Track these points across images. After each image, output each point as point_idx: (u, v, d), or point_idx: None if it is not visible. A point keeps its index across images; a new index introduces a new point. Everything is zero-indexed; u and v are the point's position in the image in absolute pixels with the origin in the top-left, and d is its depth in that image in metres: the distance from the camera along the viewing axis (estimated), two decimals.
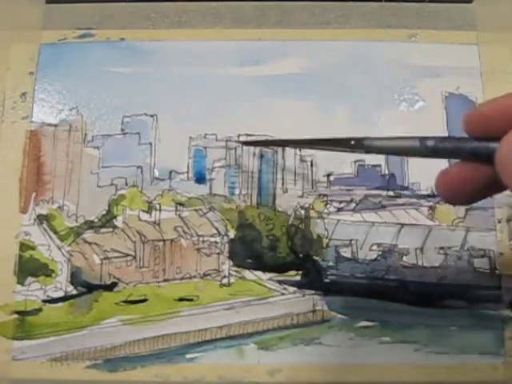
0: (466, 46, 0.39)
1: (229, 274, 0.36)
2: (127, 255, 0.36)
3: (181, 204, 0.37)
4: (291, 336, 0.35)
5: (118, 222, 0.36)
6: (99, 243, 0.36)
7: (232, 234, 0.36)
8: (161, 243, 0.36)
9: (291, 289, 0.35)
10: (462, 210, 0.36)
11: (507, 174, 0.19)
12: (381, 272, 0.36)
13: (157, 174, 0.37)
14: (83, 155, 0.38)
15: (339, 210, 0.37)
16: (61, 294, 0.35)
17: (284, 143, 0.36)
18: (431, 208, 0.37)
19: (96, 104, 0.38)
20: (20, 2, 0.41)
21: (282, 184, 0.37)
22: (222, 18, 0.40)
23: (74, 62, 0.39)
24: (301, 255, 0.36)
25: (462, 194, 0.22)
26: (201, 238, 0.36)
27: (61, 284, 0.35)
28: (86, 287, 0.35)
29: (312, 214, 0.37)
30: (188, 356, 0.34)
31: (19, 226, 0.36)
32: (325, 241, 0.36)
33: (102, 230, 0.36)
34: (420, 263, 0.36)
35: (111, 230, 0.36)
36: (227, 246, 0.36)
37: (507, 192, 0.36)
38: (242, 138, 0.38)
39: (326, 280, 0.36)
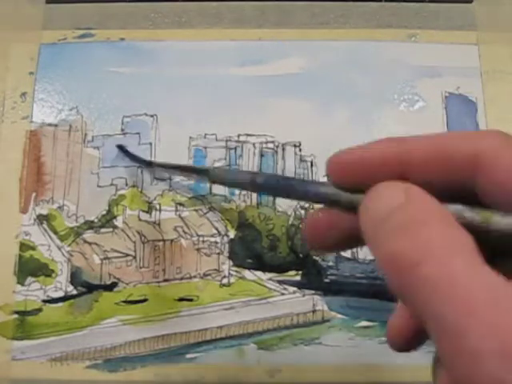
0: (466, 45, 0.39)
1: (229, 273, 0.36)
2: (127, 255, 0.36)
3: (181, 204, 0.37)
4: (291, 336, 0.35)
5: (118, 222, 0.36)
6: (99, 243, 0.36)
7: (232, 233, 0.36)
8: (161, 243, 0.36)
9: (291, 289, 0.35)
10: None
11: (369, 242, 0.16)
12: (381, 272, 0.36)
13: (157, 174, 0.37)
14: (83, 155, 0.38)
15: None
16: (61, 294, 0.35)
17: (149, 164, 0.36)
18: None
19: (96, 104, 0.38)
20: (20, 2, 0.41)
21: None
22: (221, 18, 0.40)
23: (74, 62, 0.39)
24: (301, 255, 0.36)
25: (327, 240, 0.19)
26: (201, 238, 0.36)
27: (61, 284, 0.35)
28: (86, 287, 0.35)
29: None
30: (188, 356, 0.34)
31: (19, 226, 0.36)
32: None
33: (102, 230, 0.36)
34: None
35: (111, 230, 0.36)
36: (227, 245, 0.36)
37: None
38: (242, 138, 0.38)
39: (326, 280, 0.36)
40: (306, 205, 0.37)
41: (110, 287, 0.35)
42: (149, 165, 0.36)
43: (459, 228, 0.14)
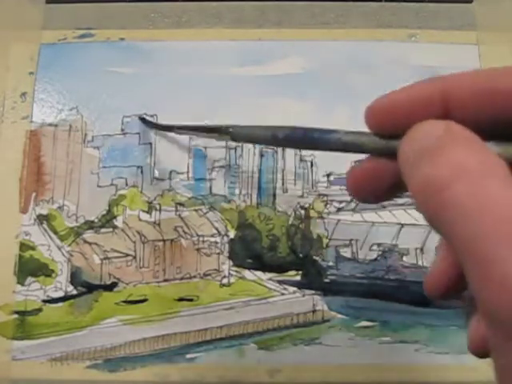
0: (466, 45, 0.39)
1: (229, 273, 0.36)
2: (127, 255, 0.36)
3: (181, 204, 0.37)
4: (291, 336, 0.35)
5: (118, 222, 0.36)
6: (99, 243, 0.36)
7: (232, 233, 0.36)
8: (161, 243, 0.36)
9: (291, 289, 0.35)
10: None
11: (406, 175, 0.16)
12: (381, 272, 0.36)
13: (157, 174, 0.37)
14: (83, 155, 0.38)
15: (339, 209, 0.37)
16: (61, 294, 0.35)
17: (168, 129, 0.36)
18: None
19: (96, 104, 0.38)
20: (20, 2, 0.41)
21: (282, 184, 0.37)
22: (221, 18, 0.40)
23: (74, 61, 0.39)
24: (301, 255, 0.36)
25: (371, 190, 0.20)
26: (201, 238, 0.36)
27: (61, 284, 0.35)
28: (86, 287, 0.35)
29: (312, 213, 0.37)
30: (188, 356, 0.34)
31: (19, 226, 0.36)
32: (325, 241, 0.36)
33: (102, 230, 0.36)
34: (420, 263, 0.36)
35: (111, 230, 0.36)
36: (227, 245, 0.36)
37: None
38: None
39: (326, 280, 0.36)
40: (306, 205, 0.37)
41: (109, 287, 0.35)
42: (170, 129, 0.36)
43: (495, 156, 0.14)
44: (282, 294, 0.35)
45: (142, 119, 0.38)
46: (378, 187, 0.19)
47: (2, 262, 0.36)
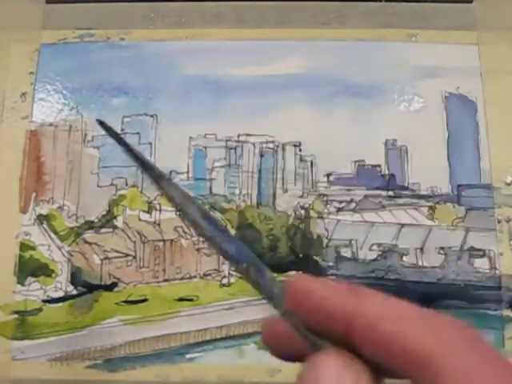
0: (466, 45, 0.39)
1: (229, 274, 0.36)
2: (127, 255, 0.36)
3: None
4: None
5: (118, 222, 0.36)
6: (99, 243, 0.36)
7: (232, 234, 0.36)
8: (161, 243, 0.36)
9: None
10: (462, 210, 0.36)
11: None
12: (381, 272, 0.36)
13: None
14: (83, 155, 0.38)
15: (339, 209, 0.37)
16: (61, 293, 0.35)
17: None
18: (431, 208, 0.36)
19: (96, 104, 0.38)
20: (20, 2, 0.41)
21: (282, 184, 0.37)
22: (221, 18, 0.40)
23: (74, 62, 0.39)
24: (301, 255, 0.36)
25: (288, 349, 0.18)
26: (201, 238, 0.36)
27: (61, 284, 0.35)
28: (86, 287, 0.35)
29: (312, 213, 0.37)
30: (188, 356, 0.34)
31: (19, 226, 0.36)
32: (325, 241, 0.36)
33: (102, 230, 0.36)
34: (420, 263, 0.36)
35: (111, 230, 0.36)
36: None
37: (507, 192, 0.36)
38: (242, 138, 0.38)
39: None
40: (306, 205, 0.37)
41: (110, 287, 0.35)
42: (118, 141, 0.34)
43: None
44: None
45: (101, 122, 0.35)
46: (295, 347, 0.17)
47: (2, 261, 0.35)
